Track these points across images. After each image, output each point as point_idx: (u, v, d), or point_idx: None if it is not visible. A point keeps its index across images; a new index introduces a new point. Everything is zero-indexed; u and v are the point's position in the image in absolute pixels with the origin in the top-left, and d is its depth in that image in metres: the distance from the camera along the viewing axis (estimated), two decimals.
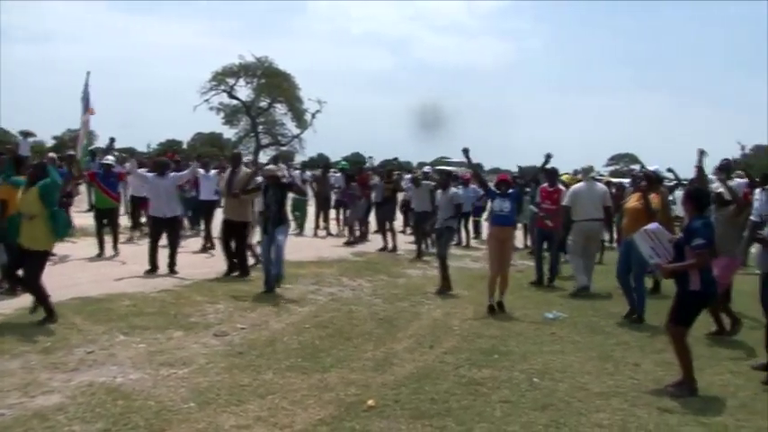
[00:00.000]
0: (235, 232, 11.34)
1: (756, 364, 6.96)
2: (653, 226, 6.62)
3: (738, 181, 9.44)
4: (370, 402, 5.55)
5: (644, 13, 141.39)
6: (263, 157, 49.81)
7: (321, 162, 24.99)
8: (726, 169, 9.56)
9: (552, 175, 11.87)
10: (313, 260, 13.41)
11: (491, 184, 10.39)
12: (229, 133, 60.76)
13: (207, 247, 13.96)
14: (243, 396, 5.64)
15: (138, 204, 15.40)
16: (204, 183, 14.60)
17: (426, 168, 16.53)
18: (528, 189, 13.06)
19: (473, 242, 17.49)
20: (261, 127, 58.57)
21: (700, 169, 9.11)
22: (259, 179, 11.00)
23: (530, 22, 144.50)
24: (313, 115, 56.58)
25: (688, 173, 11.03)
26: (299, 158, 58.70)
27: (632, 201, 9.57)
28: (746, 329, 8.48)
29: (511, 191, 9.62)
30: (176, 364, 6.41)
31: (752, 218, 12.75)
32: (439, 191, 11.99)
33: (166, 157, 13.89)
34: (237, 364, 6.51)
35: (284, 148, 59.40)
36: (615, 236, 15.76)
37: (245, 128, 58.43)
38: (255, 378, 6.10)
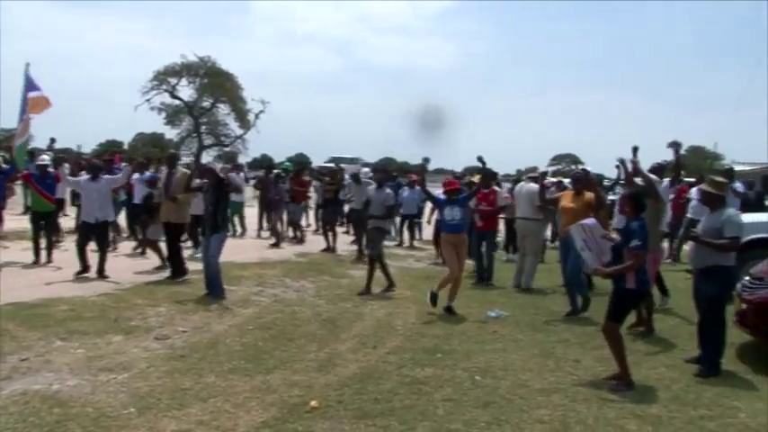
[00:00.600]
0: (172, 234, 11.16)
1: (689, 358, 7.17)
2: (589, 221, 6.88)
3: (665, 181, 9.75)
4: (314, 403, 5.53)
5: (586, 16, 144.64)
6: (206, 158, 49.28)
7: (264, 163, 24.83)
8: (659, 171, 9.83)
9: (487, 177, 12.01)
10: (256, 261, 13.31)
11: (439, 192, 10.29)
12: (171, 134, 59.71)
13: (140, 251, 13.56)
14: (184, 400, 5.56)
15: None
16: (138, 186, 13.88)
17: (365, 169, 16.52)
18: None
19: (416, 242, 17.56)
20: (204, 127, 57.74)
21: (634, 165, 9.32)
22: (198, 180, 10.84)
23: (475, 24, 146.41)
24: (256, 116, 56.08)
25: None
26: (242, 159, 58.30)
27: (566, 200, 9.79)
28: (681, 324, 8.74)
29: (461, 197, 9.72)
30: (116, 369, 6.27)
31: (688, 215, 13.12)
32: (371, 188, 11.87)
33: (109, 159, 13.28)
34: (179, 367, 6.41)
35: (227, 149, 58.75)
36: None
37: (188, 128, 57.48)
38: (197, 381, 6.01)
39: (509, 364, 6.89)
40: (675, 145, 8.80)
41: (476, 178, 13.08)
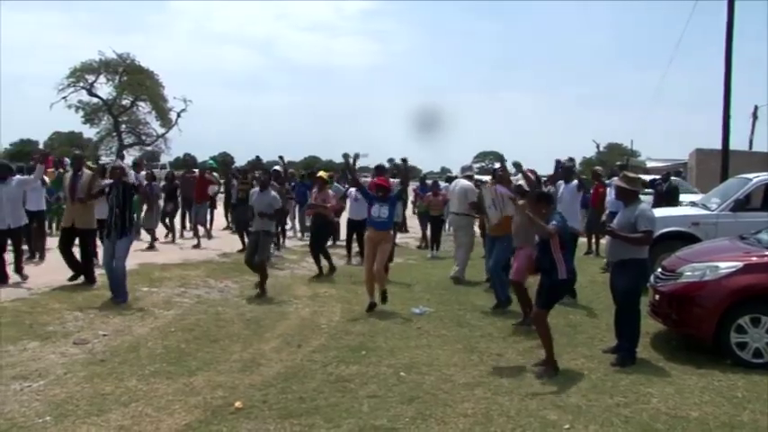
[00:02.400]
0: (79, 239, 10.67)
1: (607, 348, 7.37)
2: (500, 188, 7.67)
3: (574, 183, 10.23)
4: (238, 404, 5.46)
5: (504, 15, 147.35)
6: (128, 158, 48.05)
7: (187, 162, 24.36)
8: (566, 171, 10.35)
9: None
10: (178, 262, 13.11)
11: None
12: (90, 133, 58.01)
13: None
14: (104, 405, 5.41)
15: None
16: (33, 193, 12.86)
17: (278, 167, 16.31)
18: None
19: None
20: (124, 126, 56.35)
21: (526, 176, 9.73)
22: (105, 182, 10.41)
23: (395, 24, 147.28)
24: (178, 114, 55.13)
25: (549, 169, 11.74)
26: (164, 158, 57.15)
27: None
28: (600, 316, 8.98)
29: (390, 196, 9.68)
30: (31, 377, 6.06)
31: (609, 210, 13.52)
32: (254, 190, 11.03)
33: (39, 158, 12.17)
34: (99, 372, 6.24)
35: (149, 148, 57.51)
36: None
37: (107, 127, 55.96)
38: (118, 386, 5.87)
39: (433, 360, 6.95)
40: (558, 162, 10.42)
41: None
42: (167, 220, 17.18)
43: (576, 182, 10.34)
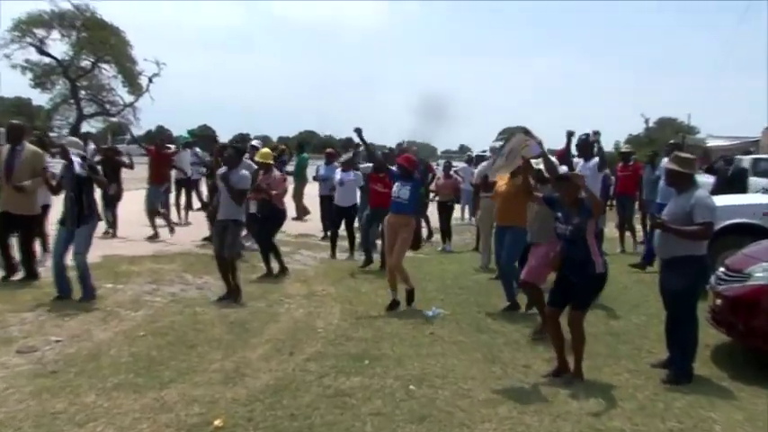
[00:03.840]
0: (17, 227, 10.46)
1: (656, 362, 7.33)
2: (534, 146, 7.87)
3: (594, 161, 10.18)
4: (217, 422, 5.49)
5: None
6: (88, 129, 48.02)
7: (160, 136, 24.33)
8: (583, 147, 10.28)
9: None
10: (150, 254, 13.17)
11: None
12: (42, 99, 57.97)
13: None
14: (54, 426, 5.40)
15: None
16: None
17: (255, 141, 16.26)
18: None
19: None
20: (83, 92, 56.29)
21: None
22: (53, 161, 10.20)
23: None
24: (150, 79, 55.10)
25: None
26: (134, 131, 56.79)
27: (501, 183, 9.98)
28: (648, 323, 8.97)
29: (415, 177, 9.81)
30: None
31: (658, 200, 13.51)
32: (221, 170, 10.51)
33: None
34: (49, 386, 6.22)
35: (114, 119, 57.45)
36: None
37: (63, 93, 55.90)
38: (72, 402, 5.86)
39: (448, 371, 6.97)
40: (570, 134, 10.22)
41: None
42: (111, 211, 15.57)
43: (596, 160, 10.28)
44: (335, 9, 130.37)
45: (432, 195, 17.81)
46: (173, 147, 18.31)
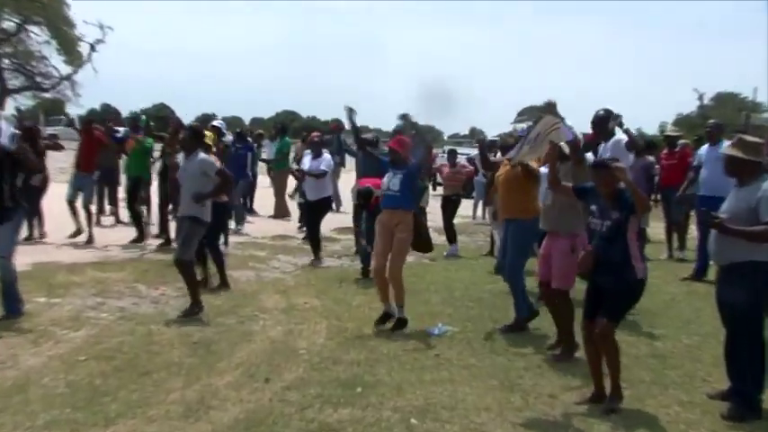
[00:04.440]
0: None
1: (713, 392, 7.26)
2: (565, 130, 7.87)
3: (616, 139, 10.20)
4: None
5: None
6: (10, 108, 47.75)
7: (107, 116, 24.36)
8: (600, 123, 10.27)
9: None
10: (95, 261, 13.18)
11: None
12: None
13: None
14: None
15: None
16: None
17: (217, 122, 16.25)
18: None
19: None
20: (7, 61, 55.99)
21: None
22: None
23: None
24: (92, 47, 54.98)
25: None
26: (73, 110, 56.48)
27: (501, 169, 9.88)
28: (703, 344, 8.97)
29: (410, 165, 9.62)
30: None
31: (702, 192, 13.56)
32: (179, 156, 10.56)
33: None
34: None
35: (47, 95, 57.28)
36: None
37: None
38: None
39: (458, 402, 6.98)
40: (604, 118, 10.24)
41: None
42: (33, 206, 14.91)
43: (619, 137, 10.21)
44: None
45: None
46: (122, 130, 18.25)
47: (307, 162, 14.58)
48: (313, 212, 14.36)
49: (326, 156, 14.62)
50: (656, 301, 9.15)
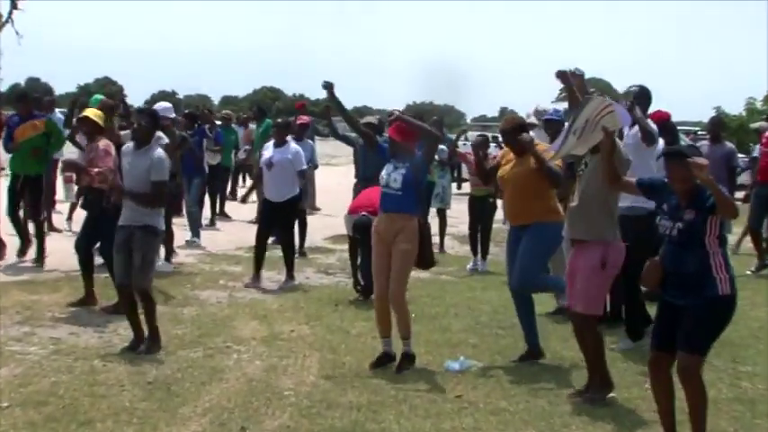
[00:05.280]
0: None
1: None
2: (620, 109, 7.92)
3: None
4: None
5: None
6: None
7: (33, 93, 24.37)
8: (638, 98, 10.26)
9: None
10: (23, 279, 13.28)
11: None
12: None
13: None
14: None
15: None
16: None
17: (163, 104, 16.44)
18: None
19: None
20: None
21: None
22: None
23: None
24: (13, 4, 55.08)
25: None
26: None
27: (506, 165, 9.95)
28: None
29: (415, 155, 9.45)
30: None
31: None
32: (127, 146, 10.42)
33: None
34: None
35: None
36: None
37: None
38: None
39: None
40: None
41: None
42: None
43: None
44: None
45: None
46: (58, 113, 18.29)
47: (267, 154, 14.25)
48: (281, 218, 14.14)
49: (293, 146, 14.34)
50: (741, 330, 9.12)
